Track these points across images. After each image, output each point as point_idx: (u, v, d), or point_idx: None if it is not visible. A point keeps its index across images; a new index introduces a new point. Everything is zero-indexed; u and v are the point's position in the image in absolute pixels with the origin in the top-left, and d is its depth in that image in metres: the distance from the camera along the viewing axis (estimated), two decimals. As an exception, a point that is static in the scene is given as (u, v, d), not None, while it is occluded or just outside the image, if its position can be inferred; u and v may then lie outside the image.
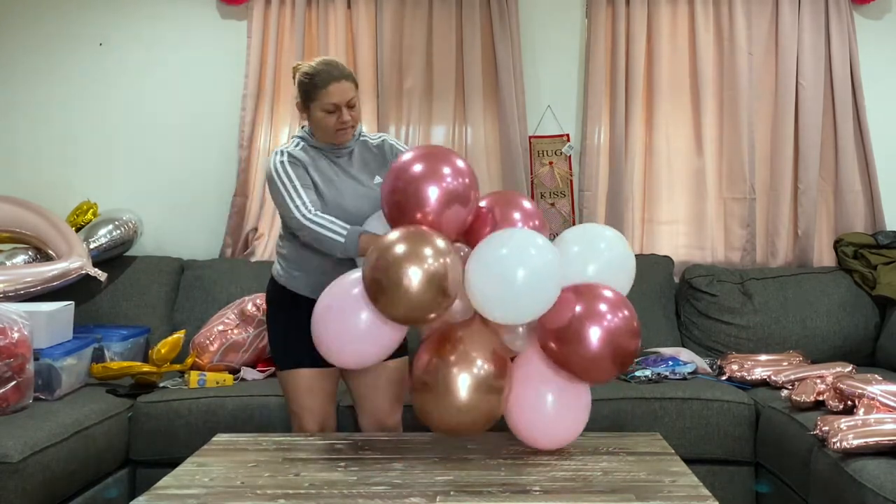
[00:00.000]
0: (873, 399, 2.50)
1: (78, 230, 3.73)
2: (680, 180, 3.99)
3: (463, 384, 2.02)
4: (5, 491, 2.39)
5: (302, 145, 2.56)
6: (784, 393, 2.91)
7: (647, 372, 3.22)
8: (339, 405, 2.96)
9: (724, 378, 3.27)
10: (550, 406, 2.17)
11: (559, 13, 4.06)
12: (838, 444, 2.31)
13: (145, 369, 3.21)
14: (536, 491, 1.91)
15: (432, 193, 2.14)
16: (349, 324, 2.14)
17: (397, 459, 2.15)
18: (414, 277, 1.97)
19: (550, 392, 2.16)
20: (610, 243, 2.28)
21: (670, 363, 3.30)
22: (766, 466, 2.96)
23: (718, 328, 3.63)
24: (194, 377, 3.20)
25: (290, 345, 2.53)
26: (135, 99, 4.07)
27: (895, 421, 2.34)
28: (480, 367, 2.04)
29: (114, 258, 3.75)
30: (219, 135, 4.04)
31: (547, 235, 2.22)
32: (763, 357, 3.36)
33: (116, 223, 3.76)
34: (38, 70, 4.06)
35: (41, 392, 2.93)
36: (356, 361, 2.23)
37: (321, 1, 3.97)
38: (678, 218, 4.00)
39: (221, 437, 2.41)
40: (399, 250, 2.00)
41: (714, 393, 3.06)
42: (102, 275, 3.50)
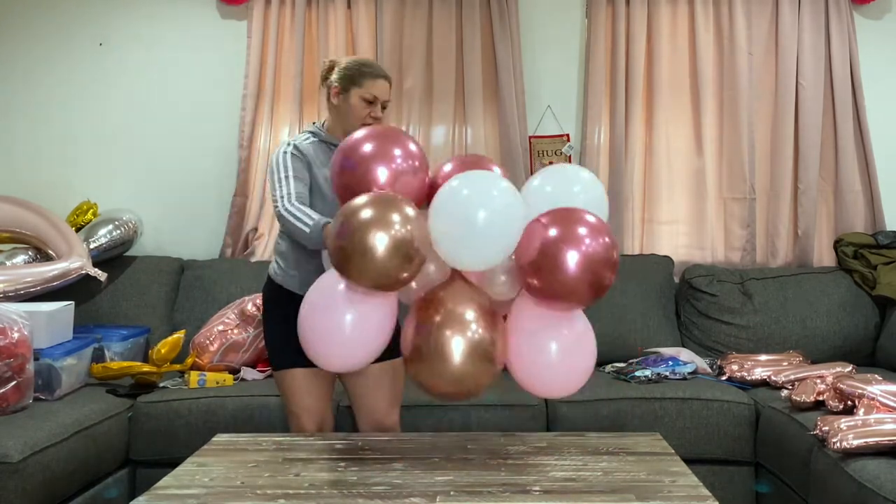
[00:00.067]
0: (873, 399, 2.50)
1: (78, 230, 3.73)
2: (680, 180, 4.00)
3: (456, 346, 1.94)
4: (5, 491, 2.39)
5: (312, 140, 2.56)
6: (784, 393, 2.91)
7: (647, 372, 3.22)
8: (339, 405, 2.96)
9: (724, 378, 3.28)
10: (554, 354, 2.04)
11: (559, 13, 4.06)
12: (838, 444, 2.31)
13: (145, 369, 3.21)
14: (536, 491, 1.91)
15: (381, 174, 2.08)
16: (334, 325, 2.06)
17: (397, 459, 2.14)
18: (380, 242, 1.90)
19: (551, 338, 2.05)
20: (585, 185, 2.16)
21: (670, 363, 3.30)
22: (766, 466, 2.97)
23: (718, 328, 3.64)
24: (194, 377, 3.20)
25: (287, 344, 2.52)
26: (135, 99, 4.07)
27: (895, 421, 2.34)
28: (469, 325, 1.96)
29: (114, 258, 3.75)
30: (219, 135, 4.04)
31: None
32: (763, 357, 3.36)
33: (116, 223, 3.77)
34: (38, 70, 4.07)
35: (41, 392, 2.93)
36: (343, 365, 2.19)
37: (321, 1, 3.97)
38: (678, 218, 4.00)
39: (221, 438, 2.41)
40: (364, 214, 1.94)
41: (714, 393, 3.07)
42: (102, 275, 3.50)
